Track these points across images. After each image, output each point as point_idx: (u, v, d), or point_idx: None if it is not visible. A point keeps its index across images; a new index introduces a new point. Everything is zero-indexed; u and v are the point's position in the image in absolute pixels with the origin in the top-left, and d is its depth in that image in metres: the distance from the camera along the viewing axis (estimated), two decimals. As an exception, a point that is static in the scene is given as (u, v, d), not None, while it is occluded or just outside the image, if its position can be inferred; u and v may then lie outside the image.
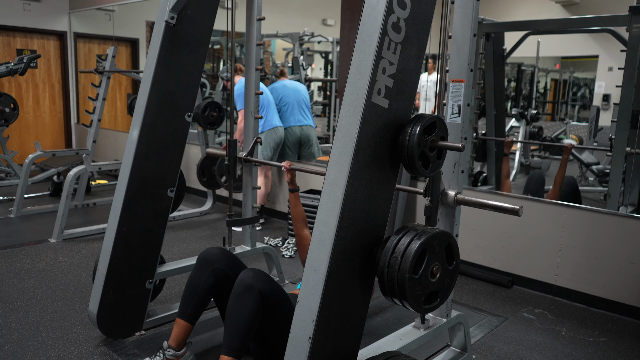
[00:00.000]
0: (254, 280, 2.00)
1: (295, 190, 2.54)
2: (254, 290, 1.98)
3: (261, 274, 2.05)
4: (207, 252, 2.30)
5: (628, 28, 3.47)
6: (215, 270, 2.23)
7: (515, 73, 10.03)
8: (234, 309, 1.99)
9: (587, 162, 5.76)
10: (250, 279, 2.01)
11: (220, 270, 2.23)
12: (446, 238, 1.62)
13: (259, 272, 2.06)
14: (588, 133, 6.90)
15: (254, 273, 2.04)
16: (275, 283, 2.10)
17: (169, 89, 2.49)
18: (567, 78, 11.60)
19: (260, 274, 2.05)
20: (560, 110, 11.91)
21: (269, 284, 2.04)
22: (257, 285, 1.99)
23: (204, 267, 2.25)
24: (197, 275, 2.25)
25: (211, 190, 5.06)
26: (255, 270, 2.06)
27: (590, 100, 10.78)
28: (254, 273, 2.04)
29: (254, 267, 2.13)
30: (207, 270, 2.23)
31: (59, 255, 3.75)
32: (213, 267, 2.23)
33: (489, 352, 2.59)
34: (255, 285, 1.98)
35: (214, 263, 2.24)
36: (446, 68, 2.00)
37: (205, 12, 2.57)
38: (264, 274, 2.07)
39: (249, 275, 2.03)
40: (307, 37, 6.98)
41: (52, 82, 7.39)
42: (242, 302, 1.98)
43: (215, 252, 2.29)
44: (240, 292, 1.99)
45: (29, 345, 2.49)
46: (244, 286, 1.99)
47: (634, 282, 2.98)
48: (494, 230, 3.51)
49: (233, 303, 2.00)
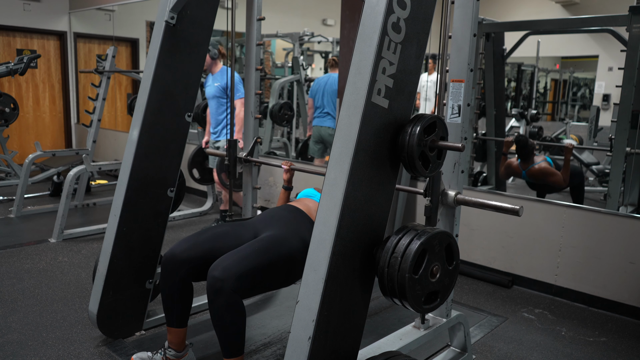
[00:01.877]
0: (221, 280, 1.85)
1: (289, 189, 2.54)
2: (224, 292, 1.85)
3: (229, 265, 1.89)
4: (167, 259, 2.10)
5: (628, 28, 3.47)
6: (182, 276, 2.08)
7: (515, 73, 10.02)
8: (214, 316, 1.90)
9: (587, 162, 5.76)
10: (218, 281, 1.86)
11: (188, 270, 2.08)
12: (446, 238, 1.62)
13: (226, 265, 1.89)
14: (588, 133, 6.90)
15: (219, 272, 1.87)
16: (245, 257, 1.93)
17: (169, 89, 2.49)
18: (567, 78, 11.60)
19: (228, 265, 1.88)
20: (560, 110, 11.90)
21: (239, 269, 1.88)
22: (225, 285, 1.85)
23: (168, 277, 2.10)
24: (164, 287, 2.13)
25: (207, 185, 5.06)
26: (221, 265, 1.90)
27: (590, 100, 10.77)
28: (219, 272, 1.87)
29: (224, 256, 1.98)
30: (173, 280, 2.10)
31: (59, 255, 3.75)
32: (179, 273, 2.08)
33: (489, 352, 2.59)
34: (224, 287, 1.85)
35: (178, 269, 2.07)
36: (446, 68, 2.00)
37: (205, 12, 2.57)
38: (230, 262, 1.90)
39: (214, 276, 1.87)
40: (307, 37, 6.98)
41: (52, 82, 7.39)
42: (218, 307, 1.88)
43: (174, 255, 2.09)
44: (213, 299, 1.88)
45: (29, 345, 2.49)
46: (214, 291, 1.87)
47: (634, 282, 2.98)
48: (494, 230, 3.51)
49: (211, 311, 1.90)
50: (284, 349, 2.49)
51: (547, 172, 4.08)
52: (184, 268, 2.08)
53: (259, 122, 2.95)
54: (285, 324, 2.79)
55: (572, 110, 11.86)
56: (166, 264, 2.10)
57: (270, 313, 2.93)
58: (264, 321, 2.82)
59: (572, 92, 11.81)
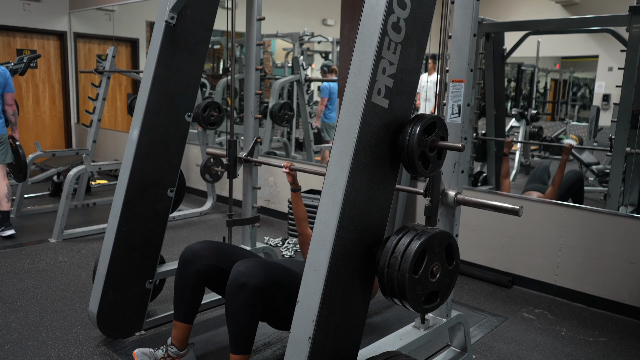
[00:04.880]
0: (247, 276, 1.91)
1: (297, 190, 2.53)
2: (247, 288, 1.90)
3: (254, 265, 1.95)
4: (187, 251, 2.20)
5: (628, 28, 3.47)
6: (199, 269, 2.15)
7: (515, 73, 10.03)
8: (231, 310, 1.95)
9: (587, 162, 5.76)
10: (243, 276, 1.91)
11: (205, 266, 2.16)
12: (446, 238, 1.62)
13: (251, 265, 1.96)
14: (588, 133, 6.91)
15: (245, 268, 1.94)
16: (270, 266, 2.00)
17: (169, 89, 2.49)
18: (567, 78, 11.61)
19: (253, 266, 1.95)
20: (560, 110, 11.91)
21: (264, 272, 1.95)
22: (250, 281, 1.90)
23: (185, 268, 2.18)
24: (179, 278, 2.19)
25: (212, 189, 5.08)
26: (247, 263, 1.97)
27: (590, 100, 10.78)
28: (245, 268, 1.94)
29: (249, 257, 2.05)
30: (189, 271, 2.16)
31: (59, 255, 3.75)
32: (196, 266, 2.16)
33: (489, 352, 2.59)
34: (248, 282, 1.90)
35: (195, 262, 2.16)
36: (446, 68, 2.00)
37: (205, 12, 2.57)
38: (256, 263, 1.97)
39: (240, 271, 1.93)
40: (307, 37, 6.98)
41: (52, 82, 7.39)
42: (238, 301, 1.91)
43: (195, 250, 2.19)
44: (235, 292, 1.92)
45: (29, 345, 2.49)
46: (237, 285, 1.91)
47: (634, 282, 2.98)
48: (494, 230, 3.51)
49: (229, 303, 1.95)
50: (284, 349, 2.49)
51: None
52: (201, 263, 2.16)
53: (259, 122, 2.95)
54: (285, 324, 2.79)
55: (572, 110, 11.87)
56: (185, 255, 2.19)
57: (270, 313, 2.93)
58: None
59: (572, 92, 11.82)
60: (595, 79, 9.61)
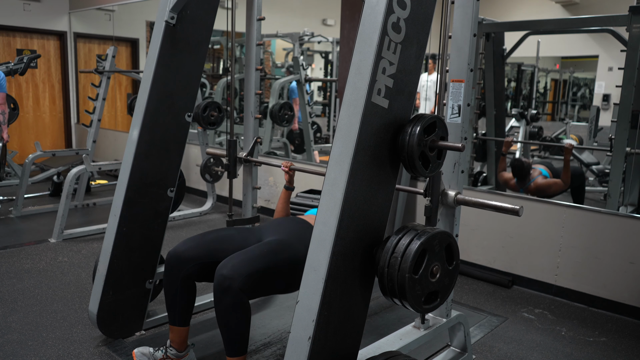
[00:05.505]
0: (230, 279, 1.85)
1: (290, 189, 2.53)
2: (232, 291, 1.85)
3: (237, 265, 1.88)
4: (170, 256, 2.12)
5: (628, 28, 3.48)
6: (185, 274, 2.10)
7: (515, 73, 10.03)
8: (220, 316, 1.90)
9: (587, 162, 5.76)
10: (226, 280, 1.85)
11: (190, 268, 2.09)
12: (446, 238, 1.62)
13: (235, 265, 1.88)
14: (588, 133, 6.90)
15: (228, 270, 1.87)
16: (254, 257, 1.94)
17: (169, 89, 2.49)
18: (567, 78, 11.60)
19: (235, 266, 1.88)
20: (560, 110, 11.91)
21: (247, 268, 1.88)
22: (234, 284, 1.84)
23: (170, 274, 2.12)
24: (167, 285, 2.14)
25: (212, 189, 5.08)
26: (229, 264, 1.89)
27: (590, 100, 10.78)
28: (228, 270, 1.87)
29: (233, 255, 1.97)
30: (176, 277, 2.11)
31: (59, 255, 3.75)
32: (182, 272, 2.09)
33: (489, 352, 2.59)
34: (232, 285, 1.84)
35: (180, 267, 2.09)
36: (446, 68, 2.00)
37: (205, 12, 2.56)
38: (239, 261, 1.90)
39: (223, 275, 1.86)
40: (307, 37, 6.98)
41: (52, 82, 7.39)
42: (226, 306, 1.87)
43: (178, 254, 2.10)
44: (220, 297, 1.87)
45: (29, 345, 2.49)
46: (222, 290, 1.86)
47: (634, 282, 2.98)
48: (494, 230, 3.51)
49: (217, 308, 1.90)
50: (284, 349, 2.49)
51: (543, 186, 4.09)
52: (188, 266, 2.09)
53: (259, 122, 2.95)
54: (286, 324, 2.79)
55: (572, 110, 11.87)
56: (170, 261, 2.12)
57: (271, 313, 2.93)
58: (264, 321, 2.82)
59: (572, 92, 11.81)
60: (595, 79, 9.61)
